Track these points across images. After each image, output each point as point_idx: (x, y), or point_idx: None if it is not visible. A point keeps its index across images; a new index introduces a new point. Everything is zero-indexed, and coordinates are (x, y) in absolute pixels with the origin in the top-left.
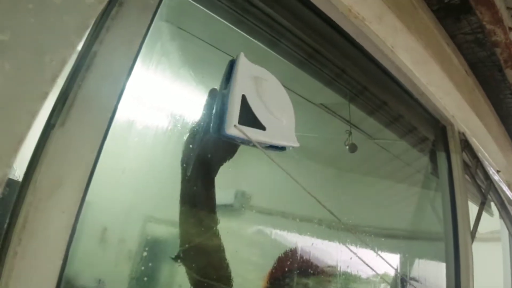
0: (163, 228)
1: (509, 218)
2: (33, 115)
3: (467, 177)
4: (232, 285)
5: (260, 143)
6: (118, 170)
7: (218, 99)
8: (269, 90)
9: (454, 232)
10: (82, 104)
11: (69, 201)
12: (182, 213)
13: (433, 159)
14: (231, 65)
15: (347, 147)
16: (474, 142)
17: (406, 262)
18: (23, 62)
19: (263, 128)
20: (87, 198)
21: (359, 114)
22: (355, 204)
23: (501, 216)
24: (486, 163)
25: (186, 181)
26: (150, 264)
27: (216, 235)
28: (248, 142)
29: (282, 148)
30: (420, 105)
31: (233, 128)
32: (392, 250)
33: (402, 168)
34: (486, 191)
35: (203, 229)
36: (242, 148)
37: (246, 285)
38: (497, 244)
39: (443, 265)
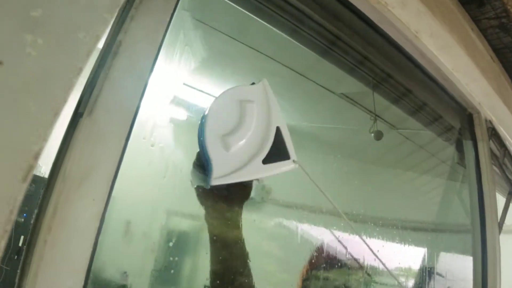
0: (185, 221)
1: None
2: (68, 89)
3: (494, 166)
4: None
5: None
6: (142, 165)
7: (200, 148)
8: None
9: (482, 223)
10: (109, 93)
11: (99, 190)
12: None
13: (459, 148)
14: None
15: (372, 134)
16: (501, 130)
17: (432, 255)
18: (56, 38)
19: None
20: (115, 194)
21: (382, 103)
22: (379, 196)
23: None
24: None
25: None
26: (173, 257)
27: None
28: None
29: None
30: (446, 92)
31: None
32: (417, 243)
33: (427, 159)
34: None
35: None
36: None
37: (267, 277)
38: None
39: (470, 258)
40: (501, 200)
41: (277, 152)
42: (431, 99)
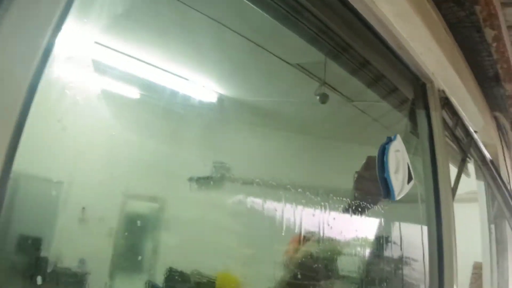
0: (142, 204)
1: (490, 174)
2: None
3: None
4: None
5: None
6: (92, 149)
7: (382, 181)
8: (403, 160)
9: (435, 190)
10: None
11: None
12: None
13: (412, 118)
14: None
15: (318, 97)
16: (454, 100)
17: (388, 225)
18: None
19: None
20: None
21: (338, 75)
22: (332, 170)
23: (478, 176)
24: (466, 120)
25: None
26: (132, 241)
27: None
28: None
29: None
30: (401, 61)
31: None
32: (373, 213)
33: (381, 132)
34: (467, 148)
35: None
36: (219, 120)
37: (230, 253)
38: (474, 204)
39: (424, 228)
40: (453, 170)
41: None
42: (387, 69)
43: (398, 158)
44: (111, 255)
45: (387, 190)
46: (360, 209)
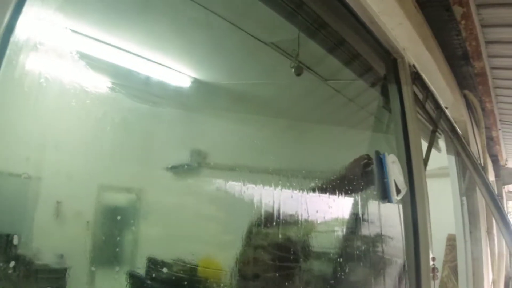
0: (118, 195)
1: (460, 144)
2: None
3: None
4: None
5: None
6: (64, 141)
7: (379, 183)
8: (397, 169)
9: (408, 160)
10: None
11: None
12: None
13: (385, 93)
14: (379, 158)
15: (293, 69)
16: (424, 76)
17: (364, 204)
18: None
19: (399, 191)
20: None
21: (313, 54)
22: (309, 152)
23: (449, 151)
24: (436, 94)
25: None
26: (110, 234)
27: None
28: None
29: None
30: (373, 37)
31: (395, 199)
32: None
33: (355, 112)
34: (437, 119)
35: None
36: (194, 106)
37: (210, 239)
38: (446, 179)
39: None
40: (425, 144)
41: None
42: (360, 44)
43: (395, 168)
44: (90, 249)
45: (385, 193)
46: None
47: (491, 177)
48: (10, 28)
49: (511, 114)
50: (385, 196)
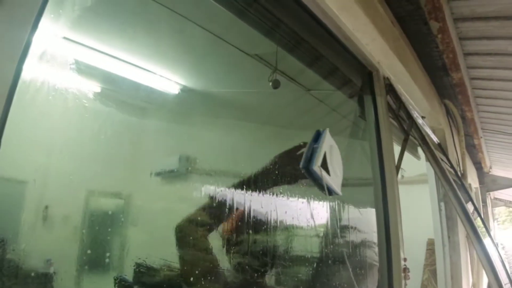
0: (106, 200)
1: (431, 154)
2: None
3: (390, 118)
4: None
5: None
6: (53, 146)
7: (308, 148)
8: (335, 155)
9: (380, 166)
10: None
11: None
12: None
13: (361, 103)
14: (318, 133)
15: (270, 83)
16: (399, 87)
17: (344, 210)
18: None
19: (329, 174)
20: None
21: (295, 66)
22: None
23: (427, 158)
24: (408, 105)
25: None
26: (97, 238)
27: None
28: (316, 181)
29: (330, 193)
30: (348, 52)
31: (317, 167)
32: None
33: (336, 120)
34: (409, 128)
35: None
36: (182, 113)
37: (196, 244)
38: (425, 185)
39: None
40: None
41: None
42: (336, 59)
43: (333, 152)
44: (78, 254)
45: (309, 159)
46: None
47: (475, 184)
48: (28, 44)
49: (493, 122)
50: (308, 161)
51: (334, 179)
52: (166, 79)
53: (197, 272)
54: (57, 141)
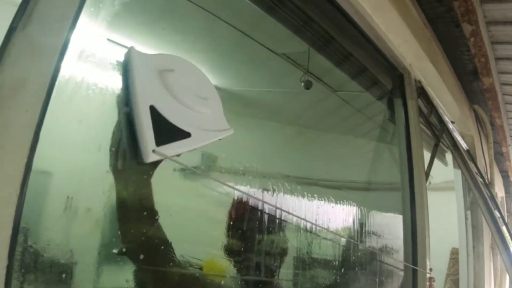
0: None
1: (462, 160)
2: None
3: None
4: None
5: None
6: (77, 136)
7: (122, 119)
8: (181, 81)
9: (410, 171)
10: (44, 8)
11: (33, 101)
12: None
13: (390, 106)
14: (125, 66)
15: (302, 83)
16: (430, 90)
17: (369, 215)
18: None
19: (187, 135)
20: (47, 168)
21: (322, 66)
22: (318, 159)
23: (455, 165)
24: (440, 109)
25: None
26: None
27: (158, 227)
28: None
29: None
30: (380, 53)
31: (152, 154)
32: (355, 202)
33: (362, 122)
34: (440, 134)
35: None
36: None
37: (214, 242)
38: (452, 192)
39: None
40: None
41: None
42: (367, 60)
43: (174, 82)
44: (99, 245)
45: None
46: None
47: (501, 193)
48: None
49: None
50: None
51: (204, 125)
52: None
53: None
54: (85, 135)
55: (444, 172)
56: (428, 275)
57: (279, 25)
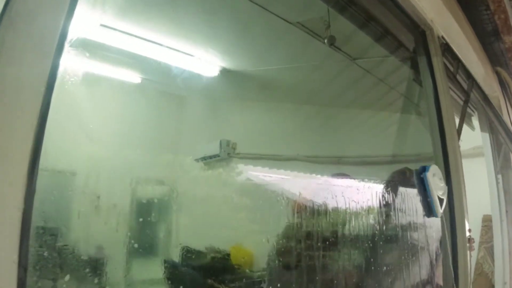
0: (152, 187)
1: (493, 113)
2: None
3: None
4: None
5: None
6: (101, 136)
7: (423, 202)
8: (438, 177)
9: (441, 130)
10: None
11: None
12: None
13: (414, 67)
14: (422, 169)
15: (326, 40)
16: (453, 47)
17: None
18: None
19: (442, 200)
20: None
21: (340, 31)
22: (339, 137)
23: (483, 128)
24: (467, 64)
25: None
26: (145, 224)
27: None
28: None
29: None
30: (400, 9)
31: (439, 213)
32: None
33: (384, 94)
34: (469, 89)
35: None
36: (223, 97)
37: (237, 228)
38: (480, 159)
39: None
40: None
41: None
42: (388, 18)
43: (436, 181)
44: (127, 240)
45: (429, 210)
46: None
47: None
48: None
49: None
50: (430, 212)
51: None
52: (205, 61)
53: None
54: (103, 132)
55: (471, 138)
56: (468, 235)
57: None
